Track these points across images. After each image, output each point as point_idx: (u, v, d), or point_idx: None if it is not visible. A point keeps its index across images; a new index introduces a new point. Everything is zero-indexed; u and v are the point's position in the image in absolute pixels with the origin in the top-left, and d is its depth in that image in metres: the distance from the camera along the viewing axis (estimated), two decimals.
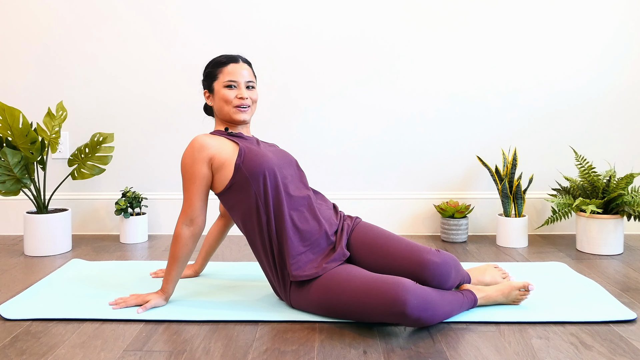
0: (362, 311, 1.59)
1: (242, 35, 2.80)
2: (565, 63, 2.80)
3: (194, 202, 1.76)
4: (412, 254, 1.69)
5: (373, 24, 2.79)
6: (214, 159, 1.76)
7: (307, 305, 1.71)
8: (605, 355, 1.47)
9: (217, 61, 1.88)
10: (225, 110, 1.85)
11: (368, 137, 2.84)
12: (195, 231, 1.77)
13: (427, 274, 1.64)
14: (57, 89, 2.84)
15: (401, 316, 1.53)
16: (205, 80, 1.90)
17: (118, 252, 2.55)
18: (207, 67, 1.90)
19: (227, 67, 1.85)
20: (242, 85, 1.85)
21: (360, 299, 1.59)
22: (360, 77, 2.82)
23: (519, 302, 1.80)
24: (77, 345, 1.56)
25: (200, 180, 1.76)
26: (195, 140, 1.77)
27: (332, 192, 2.86)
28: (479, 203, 2.85)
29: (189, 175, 1.76)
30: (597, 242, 2.44)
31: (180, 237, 1.77)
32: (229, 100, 1.84)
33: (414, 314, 1.53)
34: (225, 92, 1.84)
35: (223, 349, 1.53)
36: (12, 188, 2.45)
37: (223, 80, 1.84)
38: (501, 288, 1.80)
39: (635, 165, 2.82)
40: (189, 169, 1.76)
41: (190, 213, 1.77)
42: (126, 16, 2.80)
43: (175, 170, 2.87)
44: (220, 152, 1.77)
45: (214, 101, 1.88)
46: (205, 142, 1.76)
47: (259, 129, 2.79)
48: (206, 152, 1.75)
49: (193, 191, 1.76)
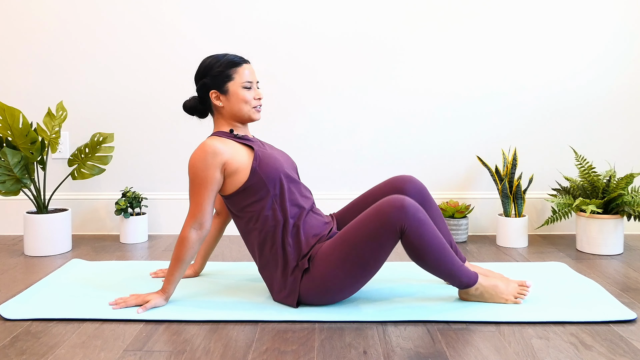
0: (368, 232, 1.67)
1: (243, 34, 2.80)
2: (566, 63, 2.80)
3: (204, 207, 1.77)
4: (389, 188, 1.94)
5: (372, 24, 2.79)
6: (227, 164, 1.77)
7: (321, 280, 1.73)
8: (605, 355, 1.47)
9: (229, 61, 1.85)
10: (245, 111, 1.86)
11: (368, 137, 2.84)
12: (203, 235, 1.79)
13: (406, 187, 1.92)
14: (57, 89, 2.84)
15: (401, 209, 1.65)
16: (215, 80, 1.85)
17: (118, 252, 2.55)
18: (215, 67, 1.85)
19: (242, 68, 1.85)
20: (255, 85, 1.88)
21: (364, 222, 1.69)
22: (360, 77, 2.82)
23: (518, 299, 1.81)
24: (77, 345, 1.56)
25: (212, 185, 1.77)
26: (207, 145, 1.76)
27: (332, 192, 2.86)
28: (479, 203, 2.85)
29: (200, 179, 1.76)
30: (597, 242, 2.44)
31: (187, 240, 1.77)
32: (248, 101, 1.85)
33: (412, 208, 1.66)
34: (245, 93, 1.85)
35: (223, 349, 1.53)
36: (12, 188, 2.45)
37: (241, 81, 1.84)
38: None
39: (635, 165, 2.82)
40: (200, 173, 1.76)
41: (200, 217, 1.77)
42: (126, 16, 2.80)
43: (175, 170, 2.87)
44: (234, 157, 1.78)
45: (228, 102, 1.86)
46: (219, 148, 1.76)
47: (259, 127, 2.79)
48: (220, 157, 1.76)
49: (204, 196, 1.77)
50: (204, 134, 2.79)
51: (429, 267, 1.72)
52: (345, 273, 1.71)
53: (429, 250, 1.68)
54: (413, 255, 1.70)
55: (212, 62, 1.87)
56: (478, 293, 1.81)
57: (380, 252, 1.69)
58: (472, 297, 1.82)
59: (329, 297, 1.77)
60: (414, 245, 1.68)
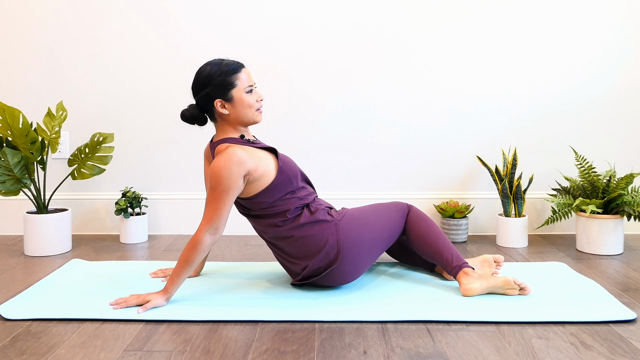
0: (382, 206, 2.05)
1: (246, 33, 2.80)
2: (566, 63, 2.80)
3: (223, 212, 1.81)
4: None
5: (371, 24, 2.79)
6: (252, 171, 1.83)
7: (357, 216, 1.98)
8: (605, 355, 1.47)
9: (228, 69, 1.86)
10: (250, 115, 1.89)
11: (367, 137, 2.84)
12: (216, 239, 1.83)
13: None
14: (57, 89, 2.84)
15: (405, 204, 2.07)
16: (218, 89, 1.85)
17: (118, 252, 2.55)
18: (216, 76, 1.85)
19: (242, 73, 1.88)
20: (254, 87, 1.91)
21: (377, 204, 2.08)
22: (360, 77, 2.82)
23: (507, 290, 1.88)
24: (77, 345, 1.56)
25: (234, 192, 1.81)
26: (233, 154, 1.80)
27: (331, 191, 2.86)
28: (479, 203, 2.85)
29: (224, 186, 1.79)
30: (597, 242, 2.44)
31: (201, 244, 1.80)
32: (252, 105, 1.89)
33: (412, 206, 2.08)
34: (249, 97, 1.88)
35: (223, 349, 1.53)
36: (12, 188, 2.45)
37: (243, 86, 1.87)
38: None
39: (635, 165, 2.82)
40: (225, 181, 1.79)
41: (217, 222, 1.81)
42: (126, 15, 2.80)
43: (175, 170, 2.87)
44: (259, 164, 1.85)
45: (234, 108, 1.87)
46: (243, 157, 1.81)
47: (259, 127, 2.79)
48: (244, 166, 1.81)
49: (224, 202, 1.80)
50: (203, 133, 2.79)
51: (427, 243, 1.99)
52: (374, 221, 1.98)
53: (429, 222, 2.02)
54: (414, 233, 2.02)
55: (211, 71, 1.86)
56: (477, 273, 1.94)
57: (394, 218, 2.02)
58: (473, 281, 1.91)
59: (366, 246, 1.94)
60: (418, 219, 2.02)
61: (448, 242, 2.00)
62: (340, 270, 1.90)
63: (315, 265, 1.90)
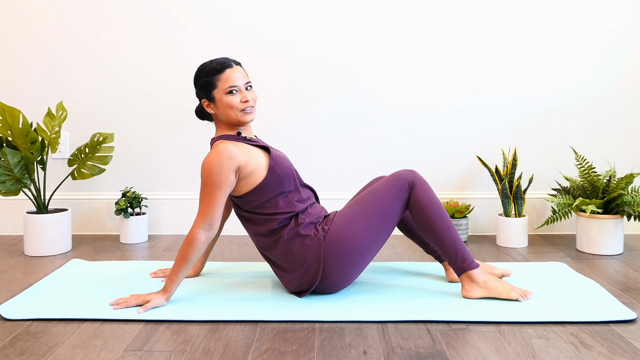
0: (381, 188, 1.88)
1: (249, 30, 2.79)
2: (565, 62, 2.80)
3: (216, 208, 1.80)
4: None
5: (372, 23, 2.79)
6: (243, 167, 1.81)
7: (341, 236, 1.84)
8: (605, 355, 1.47)
9: (211, 69, 1.87)
10: (233, 115, 1.88)
11: (367, 137, 2.84)
12: (211, 235, 1.82)
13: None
14: (57, 89, 2.84)
15: (410, 171, 1.88)
16: (202, 90, 1.90)
17: (118, 252, 2.55)
18: (200, 77, 1.89)
19: (224, 74, 1.86)
20: (242, 88, 1.88)
21: (376, 185, 1.91)
22: (360, 78, 2.82)
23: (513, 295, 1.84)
24: (77, 345, 1.56)
25: (225, 187, 1.80)
26: (223, 149, 1.80)
27: (332, 191, 2.86)
28: (479, 203, 2.85)
29: (215, 182, 1.79)
30: (597, 242, 2.44)
31: (196, 241, 1.79)
32: (234, 106, 1.86)
33: (419, 174, 1.89)
34: (229, 98, 1.86)
35: (223, 349, 1.53)
36: (12, 188, 2.45)
37: (224, 87, 1.86)
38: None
39: (635, 165, 2.82)
40: (215, 176, 1.78)
41: (211, 218, 1.80)
42: (127, 15, 2.80)
43: (175, 170, 2.87)
44: (249, 160, 1.83)
45: (217, 108, 1.89)
46: (234, 151, 1.80)
47: (262, 124, 2.79)
48: (235, 160, 1.80)
49: (217, 197, 1.80)
50: (203, 134, 2.79)
51: (433, 229, 1.85)
52: (363, 227, 1.84)
53: (434, 209, 1.85)
54: (419, 214, 1.85)
55: (198, 71, 1.92)
56: (481, 279, 1.87)
57: (392, 207, 1.86)
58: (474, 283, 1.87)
59: (352, 257, 1.84)
60: (422, 202, 1.85)
61: (455, 234, 1.87)
62: (325, 284, 1.87)
63: (297, 281, 1.88)
